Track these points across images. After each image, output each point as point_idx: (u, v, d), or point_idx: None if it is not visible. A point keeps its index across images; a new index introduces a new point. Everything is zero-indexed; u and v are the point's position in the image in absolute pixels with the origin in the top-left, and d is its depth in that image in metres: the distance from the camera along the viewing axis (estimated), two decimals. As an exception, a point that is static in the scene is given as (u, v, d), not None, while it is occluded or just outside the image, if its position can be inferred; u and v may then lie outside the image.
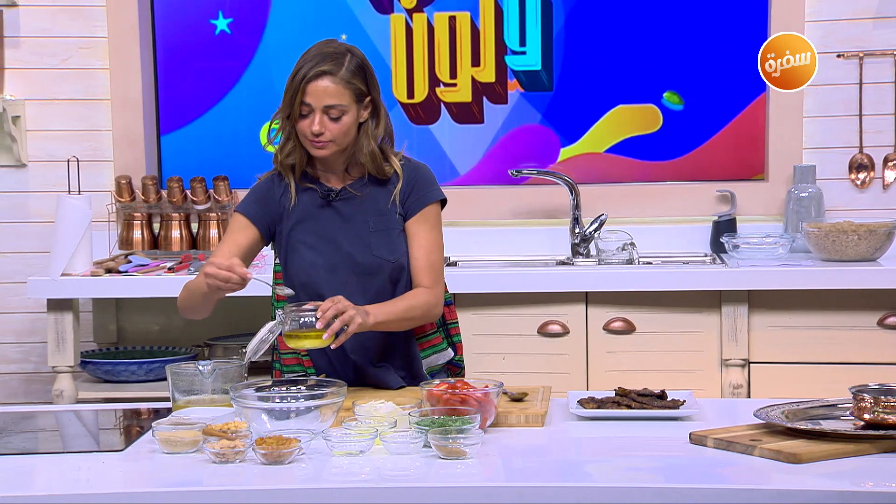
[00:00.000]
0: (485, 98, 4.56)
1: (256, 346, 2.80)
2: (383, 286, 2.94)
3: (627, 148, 4.55)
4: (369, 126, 2.92)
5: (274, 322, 2.81)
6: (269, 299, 3.19)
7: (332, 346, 2.75)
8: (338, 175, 2.98)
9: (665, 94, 4.53)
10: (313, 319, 2.73)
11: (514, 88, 4.53)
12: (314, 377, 2.75)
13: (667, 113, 4.54)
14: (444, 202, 3.03)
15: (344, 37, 4.58)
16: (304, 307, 2.77)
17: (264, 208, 2.98)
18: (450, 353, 3.10)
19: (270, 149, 3.01)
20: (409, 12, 4.57)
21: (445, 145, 4.59)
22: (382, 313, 2.84)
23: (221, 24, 4.59)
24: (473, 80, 4.56)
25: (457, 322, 3.13)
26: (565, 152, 4.55)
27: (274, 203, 2.98)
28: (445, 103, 4.58)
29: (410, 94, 4.60)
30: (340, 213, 2.96)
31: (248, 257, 2.98)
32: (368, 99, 2.91)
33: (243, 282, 2.75)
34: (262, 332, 2.80)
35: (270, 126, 2.97)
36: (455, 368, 3.13)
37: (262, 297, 4.25)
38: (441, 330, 3.08)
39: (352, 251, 2.93)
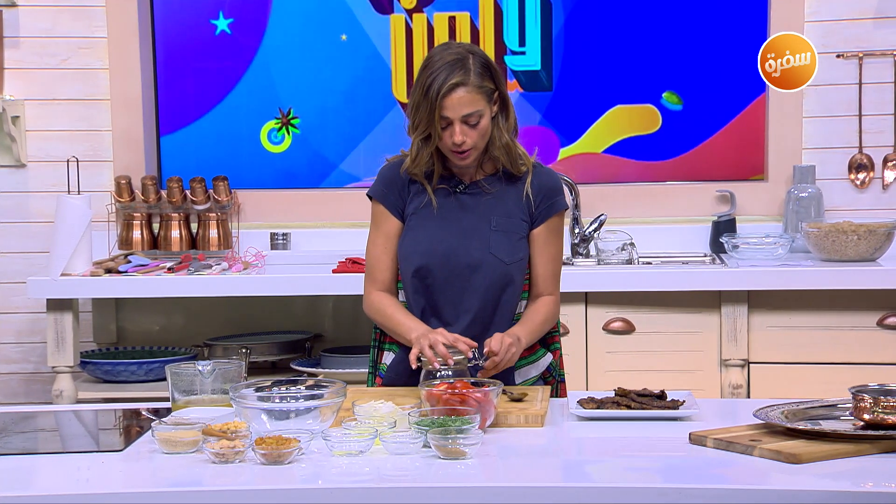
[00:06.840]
0: (484, 98, 4.55)
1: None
2: (491, 286, 2.90)
3: (626, 148, 4.55)
4: (499, 119, 2.92)
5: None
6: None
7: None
8: (470, 172, 2.96)
9: (664, 95, 4.53)
10: (448, 373, 2.69)
11: (513, 89, 4.52)
12: (313, 378, 2.74)
13: (666, 113, 4.54)
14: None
15: (344, 37, 4.58)
16: (457, 357, 2.73)
17: (395, 193, 2.96)
18: (549, 357, 3.02)
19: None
20: (409, 13, 4.57)
21: (445, 146, 4.57)
22: (527, 334, 2.86)
23: (222, 24, 4.59)
24: (472, 80, 4.56)
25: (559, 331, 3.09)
26: (564, 152, 4.56)
27: (403, 187, 2.96)
28: (445, 104, 4.57)
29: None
30: (464, 205, 2.94)
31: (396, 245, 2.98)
32: (497, 94, 2.90)
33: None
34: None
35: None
36: (546, 373, 3.03)
37: (262, 298, 4.26)
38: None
39: (468, 245, 2.91)
